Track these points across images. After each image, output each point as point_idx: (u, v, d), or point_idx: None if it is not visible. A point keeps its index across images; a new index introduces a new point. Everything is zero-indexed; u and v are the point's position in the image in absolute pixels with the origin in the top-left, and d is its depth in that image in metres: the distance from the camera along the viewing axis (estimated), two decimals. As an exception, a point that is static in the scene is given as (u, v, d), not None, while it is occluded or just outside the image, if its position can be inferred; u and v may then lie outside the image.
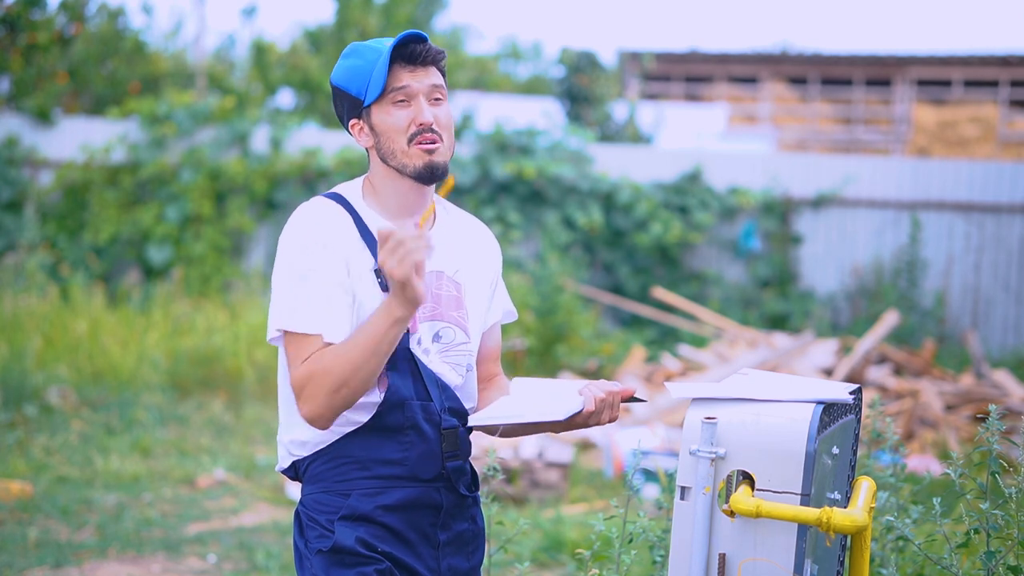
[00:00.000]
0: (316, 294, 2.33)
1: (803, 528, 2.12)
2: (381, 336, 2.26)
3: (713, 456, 2.15)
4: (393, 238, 2.19)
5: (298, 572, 2.44)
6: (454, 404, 2.45)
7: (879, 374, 8.99)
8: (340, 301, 2.34)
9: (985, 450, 2.71)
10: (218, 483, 6.78)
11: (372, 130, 2.43)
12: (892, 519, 2.86)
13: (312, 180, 12.01)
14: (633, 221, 12.01)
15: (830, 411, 2.24)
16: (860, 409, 2.47)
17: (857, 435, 2.49)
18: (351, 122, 2.46)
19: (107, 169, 12.02)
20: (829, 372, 8.90)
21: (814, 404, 2.16)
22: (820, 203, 12.23)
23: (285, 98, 17.79)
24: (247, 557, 5.47)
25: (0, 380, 8.10)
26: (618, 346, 10.76)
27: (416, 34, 2.40)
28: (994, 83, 19.88)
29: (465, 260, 2.53)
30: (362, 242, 2.40)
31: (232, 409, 8.60)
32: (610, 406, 2.41)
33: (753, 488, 2.14)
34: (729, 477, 2.16)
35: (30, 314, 9.45)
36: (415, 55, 2.40)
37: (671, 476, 3.30)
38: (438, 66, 2.44)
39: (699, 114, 18.46)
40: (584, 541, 5.26)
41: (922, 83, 20.22)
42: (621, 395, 2.42)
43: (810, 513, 2.08)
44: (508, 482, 6.50)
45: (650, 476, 6.29)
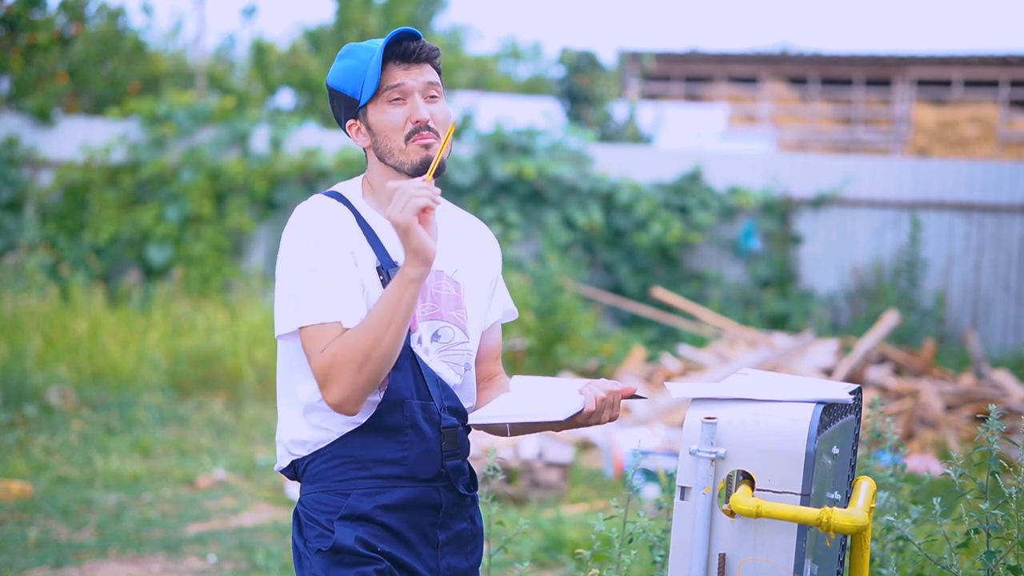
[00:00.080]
0: (329, 284, 2.32)
1: (803, 528, 2.12)
2: (397, 300, 2.26)
3: (713, 456, 2.15)
4: (399, 187, 2.21)
5: (297, 572, 2.43)
6: (453, 403, 2.45)
7: (879, 374, 8.99)
8: (354, 289, 2.34)
9: (985, 450, 2.71)
10: (218, 483, 6.78)
11: (369, 129, 2.43)
12: (892, 519, 2.86)
13: (312, 180, 12.01)
14: (633, 221, 12.01)
15: (830, 411, 2.24)
16: (860, 409, 2.46)
17: (857, 435, 2.49)
18: (348, 122, 2.46)
19: (107, 169, 12.02)
20: (829, 372, 8.90)
21: (814, 404, 2.16)
22: (820, 203, 12.23)
23: (285, 98, 17.80)
24: (247, 557, 5.47)
25: (0, 380, 8.10)
26: (618, 346, 10.76)
27: (409, 31, 2.40)
28: (994, 83, 19.87)
29: (464, 259, 2.53)
30: (364, 238, 2.40)
31: (232, 409, 8.60)
32: (610, 405, 2.41)
33: (753, 488, 2.14)
34: (729, 477, 2.16)
35: (30, 314, 9.45)
36: (409, 53, 2.39)
37: (671, 476, 3.30)
38: (433, 63, 2.44)
39: (699, 114, 18.45)
40: (584, 541, 5.25)
41: (922, 83, 20.21)
42: (621, 394, 2.42)
43: (810, 513, 2.08)
44: (508, 482, 6.50)
45: (650, 476, 6.29)
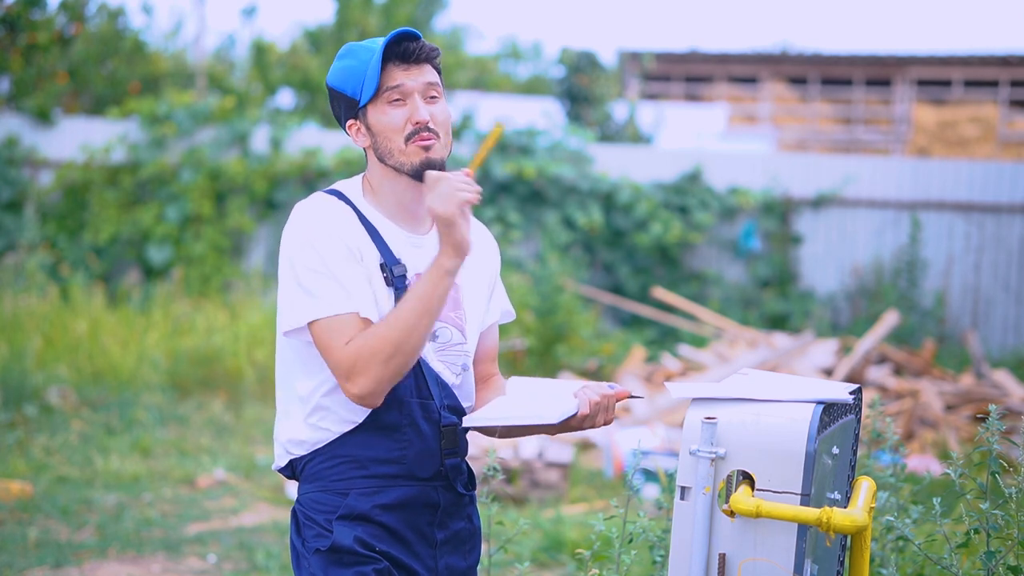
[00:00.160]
0: (339, 277, 2.31)
1: (803, 528, 2.12)
2: (431, 292, 2.26)
3: (713, 456, 2.15)
4: (442, 179, 2.22)
5: (295, 571, 2.43)
6: (452, 402, 2.45)
7: (879, 374, 8.99)
8: (364, 283, 2.33)
9: (985, 450, 2.71)
10: (218, 483, 6.78)
11: (369, 130, 2.42)
12: (892, 519, 2.86)
13: (312, 180, 12.00)
14: (633, 221, 12.01)
15: (830, 411, 2.24)
16: (860, 409, 2.46)
17: (857, 435, 2.49)
18: (348, 123, 2.46)
19: (107, 169, 12.02)
20: (829, 372, 8.90)
21: (814, 404, 2.16)
22: (820, 203, 12.23)
23: (285, 98, 17.79)
24: (247, 557, 5.47)
25: (0, 380, 8.10)
26: (618, 346, 10.76)
27: (409, 32, 2.39)
28: (994, 83, 19.87)
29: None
30: (367, 236, 2.39)
31: (232, 409, 8.60)
32: (605, 409, 2.40)
33: (753, 488, 2.14)
34: (729, 477, 2.16)
35: (30, 314, 9.44)
36: (409, 53, 2.39)
37: (671, 476, 3.30)
38: (433, 63, 2.43)
39: (699, 114, 18.46)
40: (584, 541, 5.25)
41: (922, 83, 20.21)
42: (616, 397, 2.41)
43: (810, 513, 2.08)
44: (508, 482, 6.50)
45: (650, 476, 6.29)
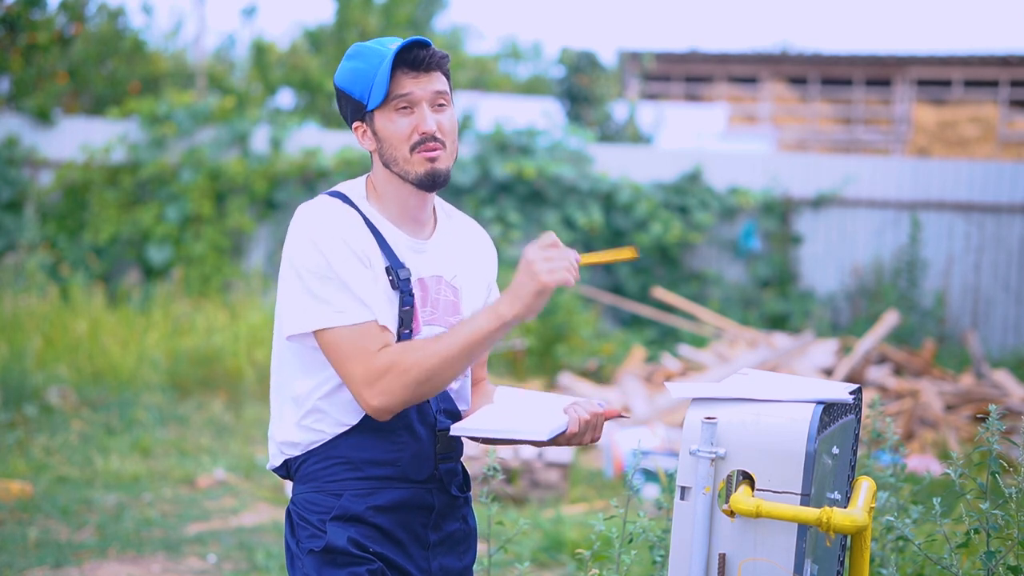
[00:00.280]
0: (349, 282, 2.30)
1: (803, 528, 2.12)
2: (484, 336, 2.26)
3: (713, 456, 2.15)
4: (558, 245, 2.22)
5: (289, 571, 2.43)
6: (448, 406, 2.45)
7: (879, 374, 8.99)
8: (375, 289, 2.33)
9: (985, 450, 2.71)
10: (218, 483, 6.78)
11: (375, 135, 2.41)
12: (892, 519, 2.86)
13: (312, 180, 12.01)
14: (633, 221, 12.01)
15: (830, 411, 2.24)
16: (860, 409, 2.46)
17: (857, 435, 2.49)
18: (354, 124, 2.44)
19: (107, 169, 12.02)
20: (829, 372, 8.90)
21: (814, 404, 2.16)
22: (820, 203, 12.23)
23: (285, 98, 17.78)
24: (247, 557, 5.47)
25: (0, 380, 8.10)
26: (618, 346, 10.76)
27: (419, 40, 2.36)
28: (994, 83, 19.87)
29: (463, 265, 2.53)
30: (374, 240, 2.38)
31: (232, 409, 8.60)
32: (594, 428, 2.41)
33: (753, 488, 2.14)
34: (729, 477, 2.16)
35: (30, 314, 9.44)
36: (418, 61, 2.36)
37: (671, 476, 3.30)
38: (442, 70, 2.40)
39: (699, 114, 18.46)
40: (584, 541, 5.25)
41: (922, 83, 20.21)
42: (605, 416, 2.42)
43: (810, 513, 2.08)
44: (508, 482, 6.50)
45: (650, 476, 6.29)
